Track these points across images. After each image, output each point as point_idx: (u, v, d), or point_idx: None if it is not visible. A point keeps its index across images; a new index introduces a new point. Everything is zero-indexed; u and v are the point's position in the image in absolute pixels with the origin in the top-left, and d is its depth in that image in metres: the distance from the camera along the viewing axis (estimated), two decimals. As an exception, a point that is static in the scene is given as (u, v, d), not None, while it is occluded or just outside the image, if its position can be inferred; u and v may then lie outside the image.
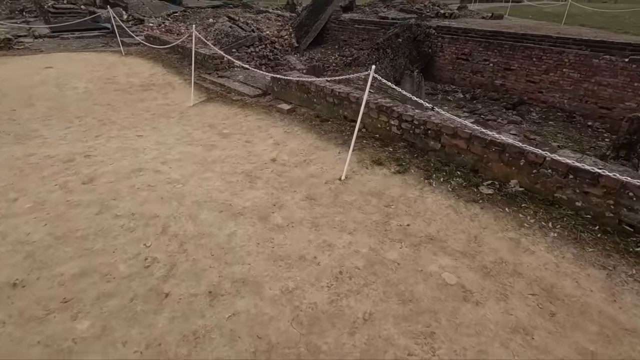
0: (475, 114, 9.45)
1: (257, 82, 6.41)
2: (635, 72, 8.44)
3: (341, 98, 4.95)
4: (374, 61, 12.18)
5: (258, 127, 4.96)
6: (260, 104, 5.86)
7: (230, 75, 7.24)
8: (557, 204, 3.11)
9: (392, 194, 3.39)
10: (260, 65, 13.12)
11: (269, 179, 3.68)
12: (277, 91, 6.07)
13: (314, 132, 4.72)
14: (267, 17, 16.84)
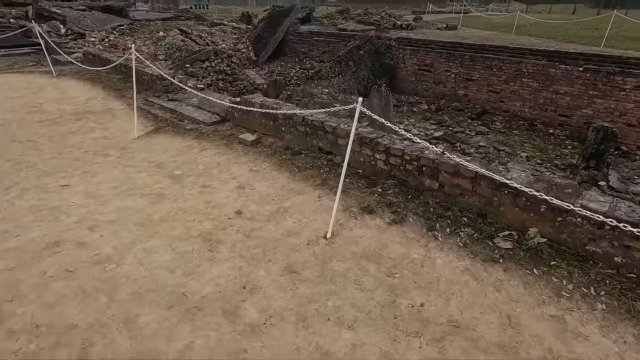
0: (443, 126, 9.03)
1: (214, 106, 5.44)
2: (590, 80, 8.39)
3: (314, 127, 4.14)
4: (336, 74, 11.52)
5: (217, 165, 4.02)
6: (219, 133, 4.90)
7: (182, 98, 6.18)
8: (590, 259, 2.50)
9: (392, 255, 2.63)
10: (218, 81, 12.04)
11: (234, 243, 2.78)
12: (238, 118, 5.14)
13: (286, 169, 3.86)
14: (222, 30, 15.72)
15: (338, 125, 3.93)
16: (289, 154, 4.15)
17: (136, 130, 4.90)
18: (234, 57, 13.53)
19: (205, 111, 5.45)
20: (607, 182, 5.90)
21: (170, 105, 5.82)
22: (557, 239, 2.64)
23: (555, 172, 6.89)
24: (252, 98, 4.98)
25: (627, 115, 8.15)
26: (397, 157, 3.45)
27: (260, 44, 14.53)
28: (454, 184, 3.11)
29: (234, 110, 5.13)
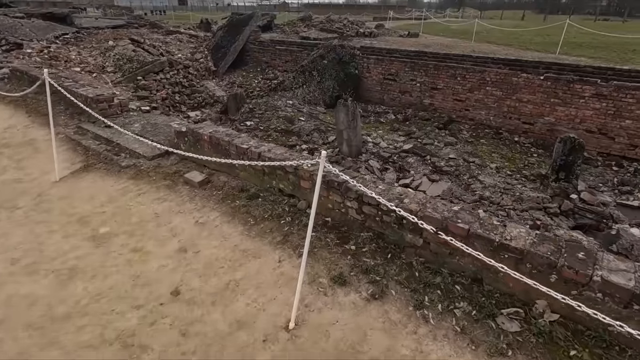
0: (412, 138, 8.56)
1: (159, 133, 4.55)
2: (551, 88, 8.22)
3: (273, 166, 3.43)
4: (300, 84, 10.81)
5: (155, 217, 3.19)
6: (162, 170, 4.04)
7: (123, 123, 5.22)
8: (616, 345, 1.97)
9: (374, 352, 1.97)
10: (174, 94, 10.97)
11: (165, 348, 2.00)
12: (185, 149, 4.32)
13: (240, 219, 3.10)
14: (178, 39, 14.55)
15: (300, 166, 3.22)
16: (244, 198, 3.39)
17: (57, 170, 3.93)
18: (191, 67, 12.47)
19: (147, 141, 4.55)
20: (578, 195, 5.61)
21: (107, 134, 4.86)
22: (572, 316, 2.10)
23: (525, 185, 6.56)
24: (199, 128, 4.15)
25: (587, 122, 8.05)
26: (372, 207, 2.80)
27: (219, 53, 13.54)
28: (441, 242, 2.51)
29: (180, 140, 4.29)
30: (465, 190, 6.52)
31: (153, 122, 4.72)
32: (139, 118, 5.13)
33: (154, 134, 4.62)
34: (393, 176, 7.03)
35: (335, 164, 7.13)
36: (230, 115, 9.51)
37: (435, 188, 6.64)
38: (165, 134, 4.52)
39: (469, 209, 5.75)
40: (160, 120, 4.74)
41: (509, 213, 5.34)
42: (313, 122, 8.88)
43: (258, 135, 8.31)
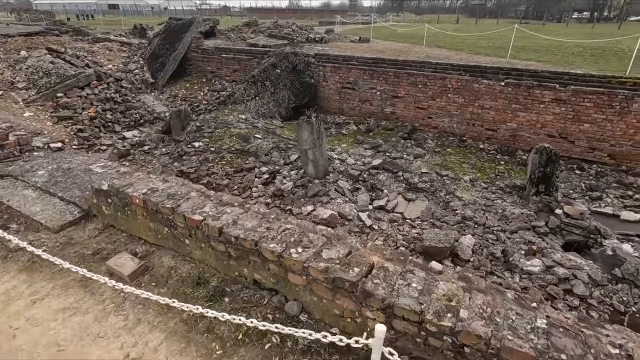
0: (380, 152, 8.06)
1: (73, 185, 3.32)
2: (512, 94, 8.19)
3: (242, 249, 2.52)
4: (253, 96, 9.88)
5: (58, 351, 2.12)
6: (75, 250, 2.86)
7: (22, 170, 3.85)
8: None
9: None
10: (104, 112, 9.49)
11: None
12: (109, 215, 3.18)
13: (199, 346, 2.09)
14: (107, 47, 12.87)
15: (285, 250, 2.33)
16: (202, 299, 2.42)
17: None
18: (124, 80, 10.99)
19: (55, 199, 3.31)
20: (562, 210, 5.38)
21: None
22: None
23: (504, 198, 6.29)
24: (128, 186, 3.02)
25: (548, 127, 8.10)
26: (411, 323, 2.01)
27: (157, 63, 12.14)
28: None
29: (101, 201, 3.15)
30: (444, 209, 6.09)
31: (66, 167, 3.48)
32: (47, 161, 3.81)
33: (66, 186, 3.41)
34: (366, 197, 6.42)
35: (301, 188, 6.35)
36: (175, 135, 8.33)
37: (413, 208, 6.12)
38: (82, 186, 3.31)
39: (455, 230, 5.27)
40: (77, 161, 3.53)
41: (499, 236, 4.94)
42: (271, 139, 8.02)
43: (209, 158, 7.29)
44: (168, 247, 2.90)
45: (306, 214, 5.79)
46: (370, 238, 5.31)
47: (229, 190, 6.39)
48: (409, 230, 5.46)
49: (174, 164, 7.19)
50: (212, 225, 2.54)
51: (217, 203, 2.79)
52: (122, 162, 6.79)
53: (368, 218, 5.76)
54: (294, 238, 2.38)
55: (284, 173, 6.81)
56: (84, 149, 8.12)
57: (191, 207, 2.71)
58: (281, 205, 6.05)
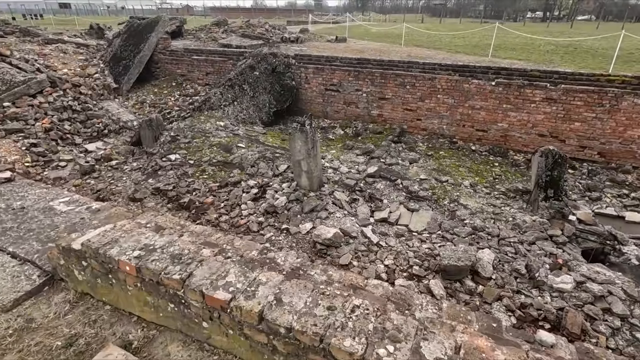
0: (374, 158, 7.63)
1: (30, 233, 2.46)
2: (502, 94, 8.05)
3: (297, 344, 1.76)
4: (230, 101, 9.18)
5: None
6: (37, 341, 1.96)
7: None
8: None
9: None
10: (62, 122, 8.45)
11: None
12: (85, 281, 2.36)
13: None
14: (60, 49, 11.62)
15: (368, 351, 1.67)
16: None
17: None
18: (83, 86, 9.91)
19: (4, 256, 2.45)
20: (575, 216, 5.18)
21: None
22: None
23: (510, 204, 6.04)
24: (110, 245, 2.19)
25: (539, 126, 8.02)
26: None
27: (119, 66, 11.10)
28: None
29: (72, 264, 2.31)
30: (451, 219, 5.74)
31: (18, 206, 2.62)
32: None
33: (20, 235, 2.56)
34: (366, 209, 5.97)
35: (296, 203, 5.78)
36: (146, 147, 7.49)
37: (418, 220, 5.73)
38: (43, 234, 2.48)
39: (468, 243, 4.93)
40: (32, 196, 2.70)
41: (517, 248, 4.64)
42: (256, 148, 7.39)
43: (188, 172, 6.55)
44: (175, 329, 2.17)
45: (305, 233, 5.26)
46: (379, 257, 4.86)
47: (215, 209, 5.72)
48: (419, 246, 5.05)
49: (147, 181, 6.40)
50: (246, 307, 1.82)
51: (242, 263, 2.11)
52: (128, 205, 5.92)
53: (373, 234, 5.30)
54: (372, 324, 1.74)
55: (275, 186, 6.22)
56: (38, 167, 7.11)
57: (209, 277, 1.98)
58: (276, 224, 5.47)
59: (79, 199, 2.65)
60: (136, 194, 6.01)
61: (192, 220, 5.54)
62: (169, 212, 5.72)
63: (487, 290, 4.10)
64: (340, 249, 4.94)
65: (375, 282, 2.09)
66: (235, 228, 5.37)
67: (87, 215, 2.41)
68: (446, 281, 4.36)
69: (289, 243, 5.08)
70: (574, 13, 52.33)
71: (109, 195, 6.12)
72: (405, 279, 4.47)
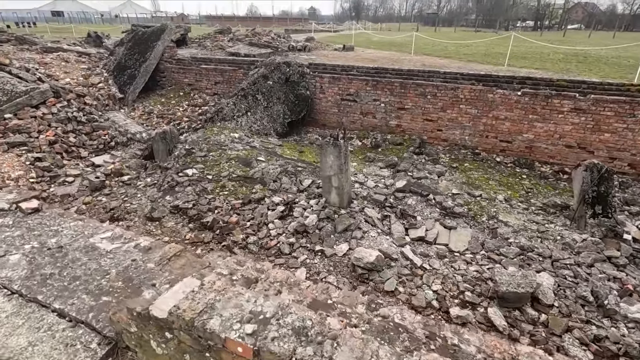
0: (400, 172, 7.33)
1: (76, 280, 1.95)
2: (528, 104, 7.84)
3: None
4: (244, 112, 8.85)
5: None
6: None
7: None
8: None
9: None
10: (66, 134, 8.05)
11: None
12: (166, 356, 1.79)
13: None
14: (62, 58, 11.23)
15: None
16: None
17: None
18: (87, 96, 9.52)
19: (50, 315, 1.86)
20: (630, 234, 4.90)
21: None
22: None
23: (552, 221, 5.76)
24: (207, 318, 1.64)
25: (566, 137, 7.82)
26: None
27: (124, 75, 10.74)
28: None
29: (148, 332, 1.78)
30: (493, 237, 5.43)
31: (54, 244, 2.15)
32: (19, 233, 2.33)
33: (64, 285, 2.02)
34: (400, 228, 5.66)
35: (327, 221, 5.44)
36: (160, 161, 7.12)
37: (458, 239, 5.42)
38: (93, 282, 1.98)
39: (520, 266, 4.61)
40: (68, 231, 2.22)
41: (576, 272, 4.33)
42: (276, 162, 7.05)
43: (207, 188, 6.18)
44: None
45: (342, 255, 4.92)
46: (425, 281, 4.52)
47: (241, 229, 5.35)
48: (466, 268, 4.74)
49: (165, 198, 6.01)
50: None
51: (386, 339, 1.66)
52: (145, 225, 5.52)
53: (415, 255, 4.98)
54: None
55: (302, 203, 5.86)
56: (44, 183, 6.69)
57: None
58: (308, 245, 5.12)
59: (123, 233, 2.26)
60: (154, 213, 5.62)
61: (218, 242, 5.16)
62: (191, 232, 5.34)
63: (553, 320, 3.78)
64: (383, 273, 4.61)
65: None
66: (266, 250, 5.01)
67: (139, 255, 2.03)
68: (503, 309, 4.04)
69: (326, 267, 4.74)
70: (565, 22, 53.37)
71: (123, 214, 5.72)
72: (459, 307, 4.14)
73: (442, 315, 4.14)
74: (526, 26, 58.45)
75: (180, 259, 2.07)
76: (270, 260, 4.93)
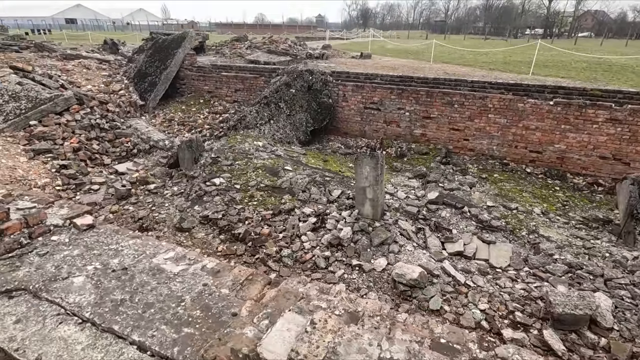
0: (431, 182, 7.17)
1: (154, 310, 1.76)
2: (561, 114, 7.65)
3: None
4: (267, 120, 8.78)
5: None
6: None
7: (42, 278, 2.04)
8: None
9: None
10: (90, 141, 8.04)
11: None
12: None
13: None
14: (83, 65, 11.31)
15: None
16: None
17: None
18: (110, 103, 9.53)
19: (129, 348, 1.56)
20: (682, 253, 4.67)
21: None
22: None
23: (597, 236, 5.53)
24: None
25: (601, 148, 7.60)
26: None
27: (145, 82, 10.77)
28: None
29: None
30: (536, 253, 5.23)
31: (116, 265, 1.99)
32: (78, 252, 2.10)
33: (139, 313, 1.75)
34: (436, 241, 5.48)
35: (361, 234, 5.28)
36: (185, 169, 7.04)
37: (499, 254, 5.22)
38: (168, 310, 1.76)
39: (567, 284, 4.40)
40: (128, 250, 2.06)
41: (634, 293, 4.12)
42: (304, 171, 6.93)
43: (236, 198, 6.06)
44: None
45: (381, 270, 4.74)
46: (471, 300, 4.33)
47: (274, 242, 5.21)
48: (512, 286, 4.53)
49: (193, 208, 5.91)
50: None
51: None
52: (175, 236, 5.43)
53: (456, 271, 4.79)
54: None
55: (334, 214, 5.71)
56: (70, 190, 6.64)
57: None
58: (344, 259, 4.96)
59: (185, 253, 2.10)
60: (183, 223, 5.52)
61: (251, 255, 5.04)
62: (222, 244, 5.21)
63: (616, 345, 3.56)
64: (426, 290, 4.42)
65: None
66: (301, 264, 4.86)
67: (209, 279, 1.89)
68: (559, 331, 3.83)
69: (365, 282, 4.57)
70: (575, 30, 53.07)
71: (152, 224, 5.62)
72: (511, 329, 3.94)
73: (493, 337, 3.94)
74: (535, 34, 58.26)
75: (254, 284, 1.93)
76: (307, 275, 4.79)
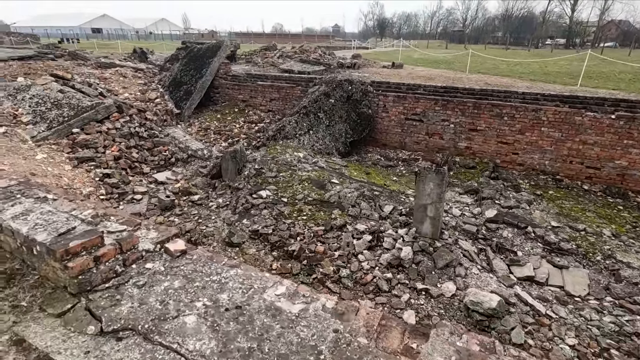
0: (486, 199, 6.81)
1: (292, 358, 1.43)
2: (624, 129, 7.20)
3: None
4: (306, 130, 8.60)
5: None
6: None
7: (150, 315, 1.61)
8: None
9: None
10: (129, 150, 8.00)
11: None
12: None
13: None
14: (120, 73, 11.44)
15: None
16: None
17: None
18: (147, 111, 9.54)
19: None
20: None
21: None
22: None
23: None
24: None
25: (668, 165, 7.09)
26: None
27: (180, 91, 10.78)
28: None
29: None
30: (616, 280, 4.81)
31: (226, 301, 1.61)
32: (178, 283, 1.64)
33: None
34: (502, 264, 5.13)
35: (422, 254, 4.97)
36: (229, 180, 6.88)
37: (575, 280, 4.83)
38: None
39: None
40: (232, 283, 1.73)
41: None
42: (351, 185, 6.68)
43: (284, 212, 5.84)
44: None
45: (450, 296, 4.41)
46: (557, 333, 3.96)
47: (330, 261, 4.95)
48: (600, 319, 4.14)
49: (242, 222, 5.70)
50: None
51: None
52: (225, 251, 5.27)
53: (534, 299, 4.43)
54: None
55: (390, 232, 5.42)
56: (113, 200, 6.56)
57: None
58: (407, 282, 4.65)
59: (296, 288, 1.84)
60: (233, 238, 5.32)
61: (307, 274, 4.78)
62: (276, 261, 4.98)
63: None
64: (505, 321, 4.06)
65: None
66: (362, 286, 4.58)
67: (337, 324, 1.60)
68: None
69: (435, 309, 4.25)
70: (599, 40, 51.73)
71: (201, 238, 5.44)
72: (610, 369, 3.55)
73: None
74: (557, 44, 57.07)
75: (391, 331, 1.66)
76: (370, 298, 4.51)
